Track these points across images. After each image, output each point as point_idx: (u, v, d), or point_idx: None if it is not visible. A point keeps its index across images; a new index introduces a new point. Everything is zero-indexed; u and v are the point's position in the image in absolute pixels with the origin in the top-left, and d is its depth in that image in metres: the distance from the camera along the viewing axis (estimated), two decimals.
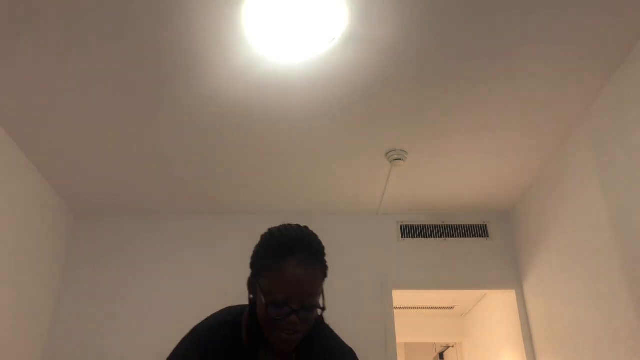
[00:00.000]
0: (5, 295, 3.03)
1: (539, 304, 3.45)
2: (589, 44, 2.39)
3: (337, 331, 1.38)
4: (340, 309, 3.61)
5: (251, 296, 1.18)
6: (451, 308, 5.20)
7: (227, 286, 3.69)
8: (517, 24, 2.28)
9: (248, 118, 2.90)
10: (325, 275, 1.16)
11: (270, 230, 1.21)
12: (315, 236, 1.20)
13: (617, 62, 2.49)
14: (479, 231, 3.87)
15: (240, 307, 1.28)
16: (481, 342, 4.88)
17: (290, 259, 1.10)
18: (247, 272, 1.22)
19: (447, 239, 3.85)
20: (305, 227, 1.21)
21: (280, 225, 1.21)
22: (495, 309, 4.41)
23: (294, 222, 1.25)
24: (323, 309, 1.13)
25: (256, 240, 3.59)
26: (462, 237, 3.85)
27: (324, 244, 1.25)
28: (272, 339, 1.13)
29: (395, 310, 3.66)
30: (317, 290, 1.12)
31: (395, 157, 3.18)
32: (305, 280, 1.10)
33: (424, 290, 3.84)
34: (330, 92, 2.70)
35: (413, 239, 3.85)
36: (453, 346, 5.71)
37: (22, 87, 2.64)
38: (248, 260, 1.21)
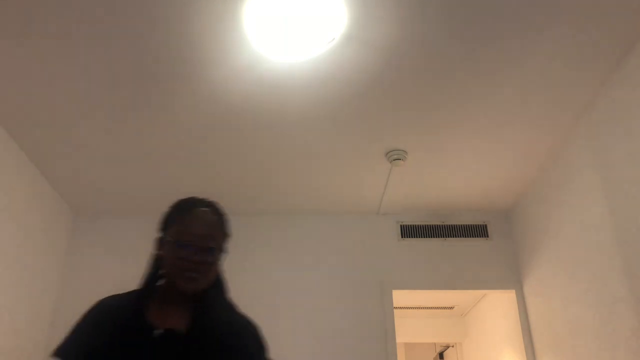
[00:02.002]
0: (5, 295, 3.03)
1: (539, 304, 3.45)
2: (588, 45, 2.39)
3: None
4: (340, 309, 3.61)
5: (159, 252, 1.34)
6: (451, 308, 5.20)
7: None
8: (517, 25, 2.28)
9: (248, 118, 2.90)
10: (225, 230, 1.39)
11: (179, 198, 1.45)
12: (217, 203, 1.45)
13: (617, 62, 2.49)
14: (479, 231, 3.87)
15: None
16: (481, 342, 4.88)
17: (194, 208, 1.36)
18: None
19: (447, 239, 3.85)
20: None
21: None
22: (495, 309, 4.41)
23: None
24: (222, 250, 1.34)
25: (256, 240, 3.64)
26: (462, 237, 3.85)
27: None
28: (179, 281, 1.27)
29: (395, 310, 3.66)
30: (217, 236, 1.34)
31: (395, 157, 3.18)
32: (205, 224, 1.32)
33: (424, 290, 3.84)
34: (330, 92, 2.70)
35: (413, 239, 3.85)
36: (453, 346, 5.71)
37: (22, 87, 2.65)
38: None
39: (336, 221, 3.90)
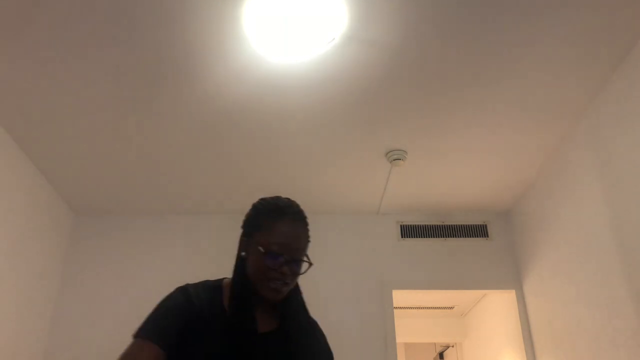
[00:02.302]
0: (6, 295, 3.03)
1: (539, 304, 3.45)
2: (588, 44, 2.39)
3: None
4: (340, 309, 3.61)
5: (243, 253, 1.32)
6: (451, 308, 5.20)
7: None
8: (516, 25, 2.28)
9: (248, 118, 2.90)
10: (309, 240, 1.34)
11: (264, 198, 1.40)
12: (300, 207, 1.39)
13: (617, 62, 2.49)
14: (479, 231, 3.87)
15: (215, 279, 1.42)
16: (481, 342, 4.88)
17: (284, 217, 1.30)
18: None
19: (447, 239, 3.85)
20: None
21: (271, 196, 1.43)
22: (495, 309, 4.41)
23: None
24: (310, 263, 1.29)
25: None
26: (462, 237, 3.85)
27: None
28: (263, 290, 1.26)
29: (395, 310, 3.66)
30: (305, 247, 1.31)
31: (395, 157, 3.18)
32: (295, 236, 1.29)
33: (424, 290, 3.84)
34: (330, 92, 2.70)
35: (413, 239, 3.85)
36: (453, 346, 5.71)
37: (22, 87, 2.65)
38: None
39: (336, 221, 3.90)
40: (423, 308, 5.17)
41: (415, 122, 2.93)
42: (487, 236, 3.86)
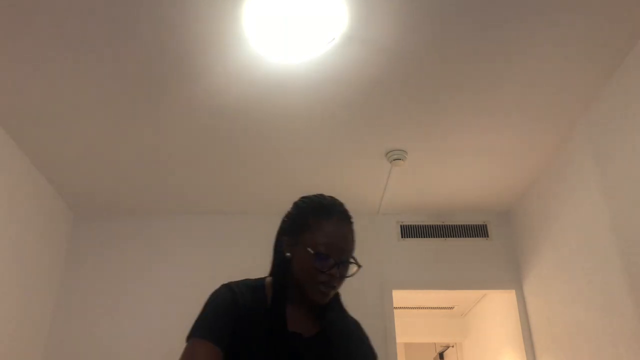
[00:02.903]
0: (6, 295, 3.03)
1: (539, 304, 3.45)
2: (588, 45, 2.39)
3: None
4: None
5: (288, 254, 1.26)
6: (451, 308, 5.19)
7: None
8: (516, 25, 2.28)
9: (248, 118, 2.90)
10: (355, 241, 1.28)
11: (307, 197, 1.35)
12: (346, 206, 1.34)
13: (617, 63, 2.49)
14: (479, 231, 3.87)
15: (257, 279, 1.35)
16: (481, 342, 4.88)
17: (334, 217, 1.26)
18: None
19: (447, 239, 3.85)
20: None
21: (313, 194, 1.36)
22: (495, 309, 4.41)
23: None
24: (359, 265, 1.24)
25: (255, 240, 3.63)
26: (462, 237, 3.85)
27: None
28: (310, 292, 1.23)
29: (395, 310, 3.66)
30: (353, 248, 1.26)
31: (395, 157, 3.18)
32: (344, 236, 1.25)
33: (424, 290, 3.84)
34: (330, 92, 2.70)
35: (413, 239, 3.85)
36: (453, 346, 5.71)
37: (22, 87, 2.64)
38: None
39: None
40: (423, 308, 5.17)
41: (415, 122, 2.93)
42: (487, 236, 3.86)
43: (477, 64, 2.50)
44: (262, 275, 1.39)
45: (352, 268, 1.25)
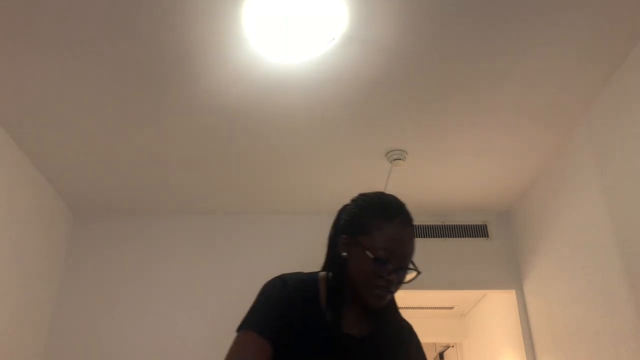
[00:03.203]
0: (6, 295, 3.03)
1: (539, 304, 3.45)
2: (588, 45, 2.39)
3: None
4: None
5: (344, 254, 1.21)
6: (451, 308, 5.19)
7: (226, 285, 3.69)
8: (517, 25, 2.28)
9: (248, 118, 2.90)
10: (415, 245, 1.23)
11: (368, 195, 1.29)
12: (405, 204, 1.29)
13: (617, 62, 2.49)
14: (479, 231, 3.87)
15: (310, 273, 1.31)
16: (481, 342, 4.88)
17: (396, 219, 1.20)
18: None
19: (447, 239, 3.85)
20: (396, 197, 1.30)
21: (374, 192, 1.30)
22: (495, 309, 4.41)
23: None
24: (418, 271, 1.20)
25: (255, 240, 3.63)
26: (462, 237, 3.85)
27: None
28: (366, 296, 1.18)
29: None
30: (412, 254, 1.20)
31: (395, 157, 3.18)
32: (406, 241, 1.19)
33: (424, 290, 3.84)
34: (330, 92, 2.70)
35: None
36: (453, 346, 5.71)
37: (22, 87, 2.64)
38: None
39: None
40: (423, 308, 5.16)
41: (415, 122, 2.93)
42: (487, 236, 3.86)
43: (477, 64, 2.50)
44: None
45: (411, 274, 1.20)
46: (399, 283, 1.19)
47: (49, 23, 2.26)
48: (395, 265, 1.16)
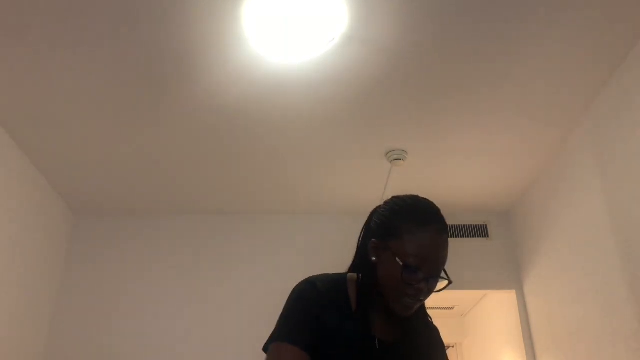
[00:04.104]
0: (6, 295, 3.03)
1: (539, 304, 3.45)
2: (589, 44, 2.39)
3: None
4: None
5: (374, 258, 1.18)
6: (451, 308, 5.19)
7: (226, 285, 3.69)
8: (517, 25, 2.28)
9: (248, 118, 2.90)
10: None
11: (401, 198, 1.23)
12: (439, 209, 1.24)
13: (617, 62, 2.49)
14: (479, 231, 3.87)
15: (339, 274, 1.28)
16: (481, 342, 4.88)
17: (429, 226, 1.14)
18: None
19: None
20: (431, 201, 1.26)
21: (408, 195, 1.25)
22: (495, 309, 4.41)
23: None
24: (450, 281, 1.14)
25: (255, 240, 3.64)
26: (462, 237, 3.85)
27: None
28: (394, 303, 1.14)
29: None
30: (445, 262, 1.14)
31: (395, 157, 3.18)
32: (438, 249, 1.13)
33: None
34: (330, 92, 2.70)
35: None
36: (453, 346, 5.71)
37: (22, 88, 2.64)
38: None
39: (336, 221, 3.89)
40: None
41: (415, 122, 2.93)
42: (487, 236, 3.86)
43: (477, 64, 2.50)
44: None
45: (442, 283, 1.15)
46: (429, 292, 1.14)
47: (49, 23, 2.26)
48: (426, 274, 1.11)
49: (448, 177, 3.47)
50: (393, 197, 1.26)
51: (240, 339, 3.39)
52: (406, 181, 3.51)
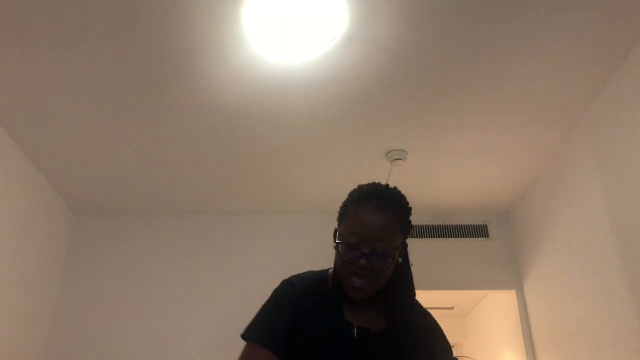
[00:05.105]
0: (6, 295, 3.03)
1: (539, 304, 3.45)
2: (589, 44, 2.39)
3: None
4: None
5: (334, 244, 1.22)
6: (451, 308, 5.20)
7: (226, 285, 3.69)
8: (517, 25, 2.28)
9: (248, 119, 2.90)
10: (403, 229, 1.22)
11: (360, 185, 1.30)
12: (398, 192, 1.29)
13: (617, 62, 2.49)
14: (479, 231, 3.87)
15: (320, 270, 1.32)
16: (481, 342, 4.88)
17: (367, 205, 1.18)
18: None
19: (447, 239, 3.85)
20: (393, 187, 1.31)
21: (368, 183, 1.31)
22: (495, 309, 4.41)
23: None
24: (392, 257, 1.15)
25: (255, 240, 3.64)
26: (462, 237, 3.85)
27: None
28: (345, 285, 1.17)
29: None
30: (390, 239, 1.16)
31: (395, 157, 3.18)
32: (377, 225, 1.15)
33: (424, 290, 3.83)
34: (330, 92, 2.70)
35: (413, 239, 3.83)
36: (453, 346, 5.70)
37: (22, 87, 2.64)
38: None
39: (336, 221, 3.89)
40: None
41: (416, 122, 2.93)
42: (487, 236, 3.86)
43: (477, 64, 2.50)
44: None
45: (386, 260, 1.16)
46: (373, 270, 1.14)
47: (49, 23, 2.26)
48: (365, 250, 1.13)
49: (448, 177, 3.47)
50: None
51: (240, 338, 3.38)
52: (406, 181, 3.50)
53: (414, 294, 1.30)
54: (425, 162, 3.30)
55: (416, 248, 3.87)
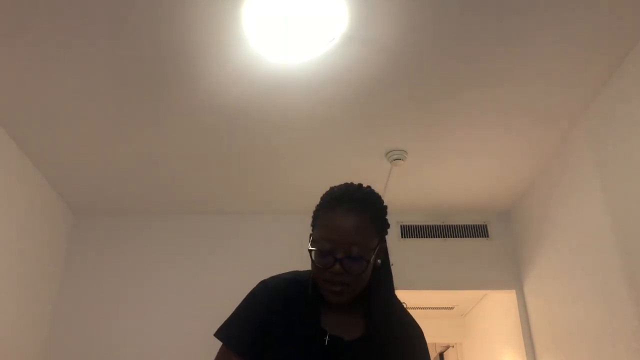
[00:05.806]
0: (6, 295, 3.03)
1: (539, 304, 3.45)
2: (588, 44, 2.39)
3: None
4: None
5: (309, 250, 1.18)
6: (451, 308, 5.19)
7: (226, 285, 3.69)
8: (516, 25, 2.28)
9: (248, 118, 2.90)
10: (379, 230, 1.16)
11: (331, 187, 1.26)
12: (370, 192, 1.25)
13: (617, 63, 2.49)
14: (479, 231, 3.86)
15: (304, 271, 1.28)
16: (481, 342, 4.88)
17: (337, 208, 1.14)
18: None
19: (447, 239, 3.85)
20: (366, 187, 1.26)
21: (340, 185, 1.27)
22: (495, 309, 4.41)
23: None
24: (367, 260, 1.11)
25: (255, 239, 3.65)
26: (462, 237, 3.84)
27: None
28: (322, 290, 1.15)
29: None
30: (365, 242, 1.12)
31: (395, 157, 3.18)
32: (349, 228, 1.11)
33: (424, 290, 3.84)
34: (330, 92, 2.70)
35: (413, 239, 3.85)
36: (453, 346, 5.71)
37: (22, 87, 2.64)
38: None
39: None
40: (423, 308, 5.17)
41: (415, 122, 2.93)
42: (487, 236, 3.85)
43: (477, 64, 2.50)
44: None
45: (362, 264, 1.11)
46: (348, 274, 1.10)
47: (49, 23, 2.26)
48: (339, 256, 1.09)
49: (448, 177, 3.47)
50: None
51: None
52: (406, 181, 3.51)
53: (394, 295, 1.26)
54: (425, 162, 3.30)
55: (416, 248, 3.90)
